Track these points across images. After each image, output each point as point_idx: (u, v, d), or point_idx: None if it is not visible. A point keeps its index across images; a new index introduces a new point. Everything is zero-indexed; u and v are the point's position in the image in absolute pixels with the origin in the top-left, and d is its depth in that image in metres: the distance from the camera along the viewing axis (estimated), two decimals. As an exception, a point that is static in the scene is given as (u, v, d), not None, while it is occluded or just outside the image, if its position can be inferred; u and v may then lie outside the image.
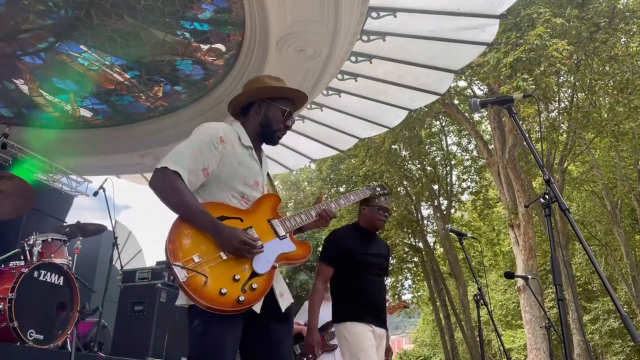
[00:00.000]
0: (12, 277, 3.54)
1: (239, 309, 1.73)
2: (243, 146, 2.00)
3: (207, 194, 1.92)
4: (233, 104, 2.13)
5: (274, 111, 2.08)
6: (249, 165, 2.00)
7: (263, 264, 1.84)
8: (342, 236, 3.30)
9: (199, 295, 1.68)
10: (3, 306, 3.38)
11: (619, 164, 16.46)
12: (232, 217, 1.87)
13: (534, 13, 9.55)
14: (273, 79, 2.15)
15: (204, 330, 1.74)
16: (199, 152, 1.87)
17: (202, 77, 5.65)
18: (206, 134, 1.92)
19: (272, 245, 1.91)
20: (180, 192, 1.79)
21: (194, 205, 1.79)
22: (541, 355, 10.22)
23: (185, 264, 1.69)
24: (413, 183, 16.83)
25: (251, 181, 1.99)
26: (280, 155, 7.97)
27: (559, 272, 1.78)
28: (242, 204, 1.95)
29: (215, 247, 1.78)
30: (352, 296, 3.13)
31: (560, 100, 13.07)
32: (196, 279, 1.69)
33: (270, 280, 1.86)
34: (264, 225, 1.94)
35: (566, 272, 13.15)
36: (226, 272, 1.75)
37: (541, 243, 15.71)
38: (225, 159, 1.92)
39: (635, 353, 17.32)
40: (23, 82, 5.70)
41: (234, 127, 2.05)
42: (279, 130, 2.10)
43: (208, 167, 1.88)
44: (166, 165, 1.81)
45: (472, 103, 2.17)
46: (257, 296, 1.79)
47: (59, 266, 3.86)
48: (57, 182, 7.75)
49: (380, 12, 4.92)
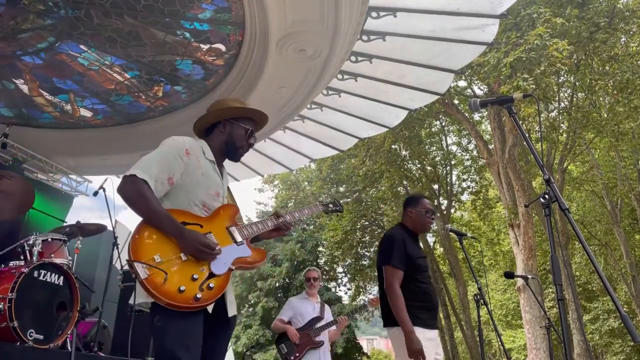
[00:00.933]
0: (12, 277, 3.54)
1: (197, 305, 1.86)
2: (207, 159, 2.18)
3: (170, 202, 2.06)
4: (199, 124, 2.31)
5: (238, 130, 2.28)
6: (212, 177, 2.17)
7: (220, 266, 1.98)
8: (404, 239, 3.20)
9: (159, 292, 1.79)
10: (3, 306, 3.38)
11: (619, 164, 16.46)
12: (193, 224, 2.01)
13: (534, 13, 9.55)
14: (236, 101, 2.36)
15: (165, 325, 1.84)
16: (166, 162, 2.04)
17: (202, 77, 5.65)
18: (173, 146, 2.10)
19: (230, 249, 2.06)
20: (147, 198, 1.93)
21: (159, 210, 1.93)
22: (541, 355, 10.22)
23: (146, 262, 1.81)
24: (413, 183, 16.83)
25: (212, 192, 2.15)
26: (280, 155, 7.96)
27: (559, 272, 1.78)
28: (202, 212, 2.10)
29: (176, 249, 1.91)
30: (416, 301, 3.05)
31: (560, 100, 13.07)
32: (156, 278, 1.81)
33: (226, 282, 2.00)
34: (222, 231, 2.10)
35: (566, 272, 13.15)
36: (185, 272, 1.88)
37: (541, 243, 15.72)
38: (189, 170, 2.08)
39: (635, 353, 17.32)
40: (23, 82, 5.70)
41: (199, 142, 2.23)
42: (241, 148, 2.30)
43: (173, 177, 2.04)
44: (135, 173, 1.95)
45: (472, 103, 2.17)
46: (214, 295, 1.92)
47: (59, 266, 3.86)
48: (57, 182, 7.75)
49: (380, 12, 4.92)
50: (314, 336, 4.59)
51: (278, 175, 20.19)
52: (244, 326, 21.45)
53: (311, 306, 4.80)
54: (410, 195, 3.66)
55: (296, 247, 21.63)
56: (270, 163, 8.20)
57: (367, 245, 18.72)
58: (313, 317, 4.70)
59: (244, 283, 22.12)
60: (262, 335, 20.33)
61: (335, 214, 2.90)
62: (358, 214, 17.42)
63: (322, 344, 4.61)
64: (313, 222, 22.22)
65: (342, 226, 17.00)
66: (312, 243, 21.98)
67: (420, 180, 16.92)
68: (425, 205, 3.29)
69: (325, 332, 4.66)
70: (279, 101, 5.84)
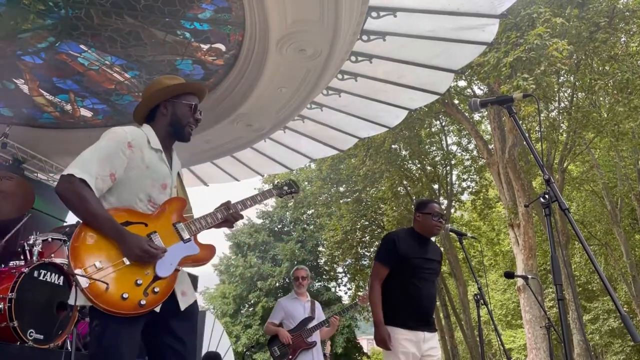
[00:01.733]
0: (12, 276, 3.54)
1: (141, 312, 1.80)
2: (152, 149, 2.05)
3: (114, 198, 1.96)
4: (139, 112, 2.18)
5: (181, 108, 2.14)
6: (157, 168, 2.05)
7: (166, 268, 1.91)
8: (400, 238, 3.33)
9: (100, 301, 1.73)
10: (3, 306, 3.38)
11: (619, 163, 16.46)
12: (137, 223, 1.92)
13: (534, 13, 9.54)
14: (170, 78, 2.21)
15: (102, 331, 1.80)
16: (106, 157, 1.91)
17: (202, 77, 5.65)
18: (114, 140, 1.96)
19: (176, 248, 1.97)
20: (86, 200, 1.82)
21: (99, 212, 1.83)
22: (541, 355, 10.22)
23: (87, 270, 1.74)
24: (413, 183, 16.83)
25: (158, 184, 2.04)
26: (280, 155, 7.96)
27: (559, 271, 1.78)
28: (148, 207, 2.00)
29: (118, 253, 1.83)
30: (398, 301, 3.18)
31: (560, 100, 13.07)
32: (98, 285, 1.74)
33: (172, 284, 1.93)
34: (168, 229, 1.99)
35: (566, 272, 13.15)
36: (129, 277, 1.82)
37: (541, 243, 15.72)
38: (132, 164, 1.96)
39: (635, 353, 17.32)
40: (23, 82, 5.70)
41: (144, 129, 2.10)
42: (188, 125, 2.16)
43: (115, 173, 1.93)
44: (72, 172, 1.84)
45: (472, 103, 2.17)
46: (159, 299, 1.87)
47: (59, 266, 3.86)
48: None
49: (380, 12, 4.91)
50: (306, 337, 4.58)
51: (278, 175, 20.17)
52: (244, 326, 21.46)
53: (301, 306, 4.78)
54: (420, 199, 3.70)
55: (296, 247, 21.63)
56: (270, 163, 8.19)
57: (367, 245, 18.70)
58: (304, 318, 4.68)
59: (244, 283, 22.13)
60: (262, 335, 20.33)
61: (290, 196, 2.70)
62: (358, 214, 17.41)
63: (315, 345, 4.60)
64: (313, 222, 22.23)
65: (342, 226, 16.99)
66: (312, 243, 21.98)
67: (420, 180, 16.92)
68: (432, 209, 3.34)
69: (317, 332, 4.65)
70: (279, 101, 5.83)
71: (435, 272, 3.35)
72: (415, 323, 3.15)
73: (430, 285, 3.30)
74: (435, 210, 3.32)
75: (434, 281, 3.34)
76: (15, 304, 3.40)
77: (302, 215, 22.67)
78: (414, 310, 3.17)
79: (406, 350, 3.06)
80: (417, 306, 3.18)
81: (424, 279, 3.22)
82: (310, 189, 19.32)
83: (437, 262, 3.41)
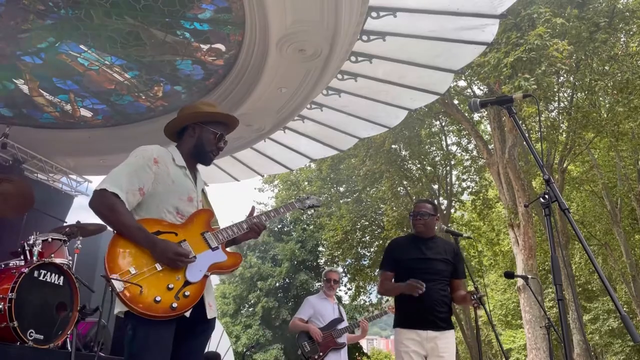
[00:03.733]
0: (12, 276, 3.54)
1: (173, 314, 1.91)
2: (177, 166, 2.21)
3: (144, 211, 2.10)
4: (169, 128, 2.34)
5: (207, 134, 2.30)
6: (183, 182, 2.20)
7: (195, 274, 2.02)
8: (397, 242, 3.59)
9: (135, 304, 1.85)
10: (3, 306, 3.38)
11: (619, 164, 16.46)
12: (167, 232, 2.05)
13: (534, 13, 9.54)
14: (207, 105, 2.38)
15: (134, 334, 1.91)
16: (135, 173, 2.06)
17: (202, 77, 5.65)
18: (141, 157, 2.12)
19: (205, 256, 2.09)
20: (118, 212, 1.96)
21: (131, 223, 1.97)
22: (541, 355, 10.22)
23: (122, 276, 1.86)
24: (413, 183, 16.82)
25: (185, 197, 2.17)
26: (280, 155, 7.96)
27: (558, 272, 1.78)
28: (177, 219, 2.13)
29: (151, 260, 1.95)
30: (400, 301, 3.36)
31: (560, 100, 13.07)
32: (133, 289, 1.86)
33: (202, 289, 2.05)
34: (197, 237, 2.12)
35: (566, 272, 13.15)
36: (161, 282, 1.93)
37: (541, 243, 15.70)
38: (159, 178, 2.11)
39: (635, 353, 17.32)
40: (23, 82, 5.70)
41: (169, 149, 2.26)
42: (211, 152, 2.33)
43: (144, 187, 2.07)
44: (105, 187, 1.98)
45: (472, 103, 2.17)
46: (190, 303, 1.97)
47: (59, 266, 3.86)
48: (57, 182, 7.75)
49: (380, 12, 4.91)
50: (337, 337, 4.58)
51: (278, 175, 20.16)
52: (244, 326, 21.45)
53: (330, 307, 4.80)
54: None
55: (296, 247, 21.64)
56: (270, 163, 8.20)
57: (367, 245, 18.69)
58: (335, 318, 4.69)
59: (244, 283, 22.14)
60: (262, 335, 20.33)
61: (313, 209, 2.94)
62: (358, 214, 17.40)
63: (344, 346, 4.63)
64: (313, 222, 22.22)
65: (342, 226, 16.98)
66: (312, 243, 21.97)
67: (420, 180, 16.91)
68: (413, 209, 3.52)
69: (346, 334, 4.67)
70: (279, 101, 5.84)
71: (438, 271, 3.34)
72: (417, 322, 3.19)
73: (434, 284, 3.29)
74: (414, 210, 3.49)
75: (437, 280, 3.32)
76: (15, 304, 3.40)
77: (302, 215, 22.67)
78: (415, 309, 3.20)
79: (407, 349, 3.13)
80: (417, 305, 3.19)
81: (424, 279, 3.22)
82: (310, 188, 19.32)
83: (441, 260, 3.39)
